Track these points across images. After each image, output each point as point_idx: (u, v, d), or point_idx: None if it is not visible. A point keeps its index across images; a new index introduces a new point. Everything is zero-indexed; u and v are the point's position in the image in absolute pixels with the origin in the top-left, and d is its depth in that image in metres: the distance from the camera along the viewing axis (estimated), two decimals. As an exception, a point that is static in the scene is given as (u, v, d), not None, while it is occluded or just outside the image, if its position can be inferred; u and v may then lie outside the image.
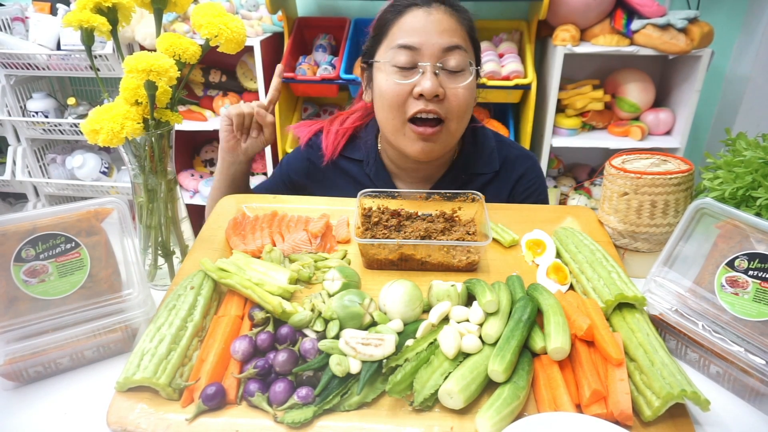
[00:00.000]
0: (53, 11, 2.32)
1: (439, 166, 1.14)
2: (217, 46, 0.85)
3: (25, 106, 2.50)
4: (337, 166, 1.19)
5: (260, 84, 2.26)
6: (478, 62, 1.04)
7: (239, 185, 1.19)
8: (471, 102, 1.01)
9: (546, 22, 2.17)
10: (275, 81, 1.15)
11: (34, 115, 2.47)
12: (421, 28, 0.96)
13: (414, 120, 1.00)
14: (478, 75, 1.05)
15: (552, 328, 0.66)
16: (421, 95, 0.96)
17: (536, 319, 0.71)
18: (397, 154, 1.11)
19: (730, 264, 0.68)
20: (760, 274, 0.66)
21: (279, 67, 1.15)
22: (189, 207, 1.03)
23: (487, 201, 1.12)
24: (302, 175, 1.22)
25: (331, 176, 1.19)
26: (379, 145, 1.17)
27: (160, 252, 0.90)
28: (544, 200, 1.21)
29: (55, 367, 0.72)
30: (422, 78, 0.96)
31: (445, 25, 0.97)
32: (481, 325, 0.70)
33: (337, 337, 0.69)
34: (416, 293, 0.74)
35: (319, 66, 2.24)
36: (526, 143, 2.24)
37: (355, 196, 0.94)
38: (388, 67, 0.99)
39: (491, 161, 1.15)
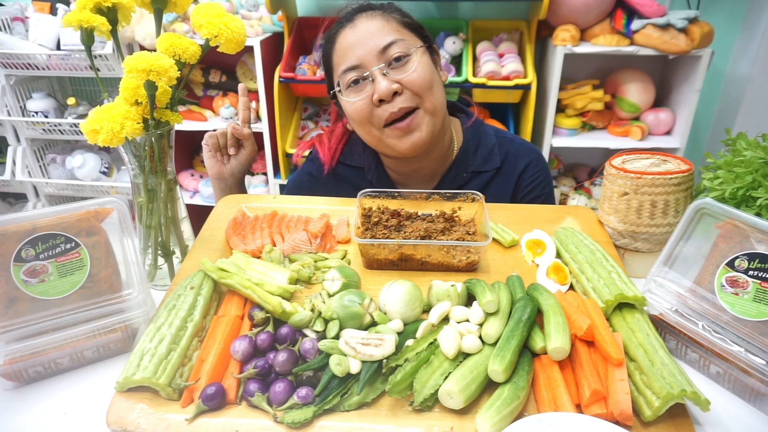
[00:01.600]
0: (53, 11, 2.32)
1: (439, 166, 1.14)
2: (217, 46, 0.85)
3: (24, 106, 2.50)
4: (338, 176, 1.20)
5: (260, 84, 2.27)
6: (425, 39, 1.04)
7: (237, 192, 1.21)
8: (431, 77, 1.00)
9: (546, 22, 2.17)
10: (242, 100, 1.19)
11: (34, 115, 2.47)
12: (353, 43, 0.99)
13: (388, 123, 1.00)
14: (431, 50, 1.05)
15: (552, 328, 0.66)
16: (381, 101, 0.97)
17: (536, 319, 0.71)
18: (396, 161, 1.11)
19: (731, 264, 0.68)
20: (760, 274, 0.66)
21: (241, 87, 1.19)
22: (189, 207, 1.03)
23: (491, 198, 1.12)
24: (305, 191, 1.23)
25: (334, 186, 1.20)
26: (379, 153, 1.17)
27: (160, 252, 0.90)
28: (550, 193, 1.19)
29: (55, 367, 0.72)
30: (375, 84, 0.97)
31: (372, 29, 0.99)
32: (481, 325, 0.70)
33: (337, 337, 0.69)
34: (416, 293, 0.74)
35: (319, 66, 2.23)
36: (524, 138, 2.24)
37: None
38: (345, 92, 1.01)
39: (492, 158, 1.15)
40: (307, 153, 1.28)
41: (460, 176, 1.14)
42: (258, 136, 2.42)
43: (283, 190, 1.34)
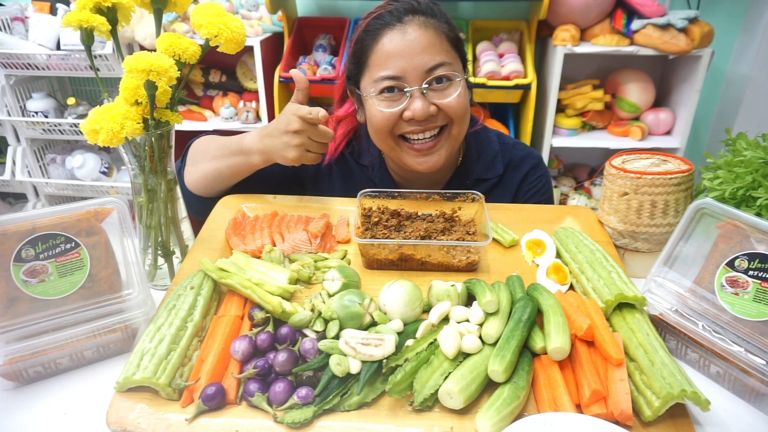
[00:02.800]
0: (53, 11, 2.32)
1: (443, 174, 1.14)
2: (217, 46, 0.85)
3: (24, 106, 2.50)
4: (343, 168, 1.18)
5: (260, 84, 2.27)
6: (464, 64, 1.03)
7: (242, 177, 1.07)
8: (466, 106, 1.00)
9: (546, 22, 2.17)
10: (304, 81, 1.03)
11: (33, 115, 2.47)
12: (400, 51, 0.94)
13: (409, 138, 0.99)
14: (466, 71, 1.03)
15: (552, 328, 0.66)
16: (411, 119, 0.96)
17: (536, 319, 0.71)
18: (400, 167, 1.10)
19: (731, 264, 0.68)
20: (760, 274, 0.66)
21: (297, 75, 1.04)
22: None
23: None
24: (310, 173, 1.19)
25: (339, 177, 1.18)
26: (383, 155, 1.16)
27: (160, 252, 0.90)
28: (549, 199, 1.20)
29: (55, 367, 0.72)
30: (411, 102, 0.95)
31: (424, 42, 0.94)
32: (481, 325, 0.70)
33: (337, 337, 0.69)
34: (416, 293, 0.74)
35: (319, 66, 2.24)
36: (526, 143, 2.24)
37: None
38: (374, 97, 0.98)
39: (495, 166, 1.15)
40: None
41: (464, 184, 1.14)
42: (258, 136, 2.42)
43: None
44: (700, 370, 0.72)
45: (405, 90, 0.95)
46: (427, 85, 0.95)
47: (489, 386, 0.65)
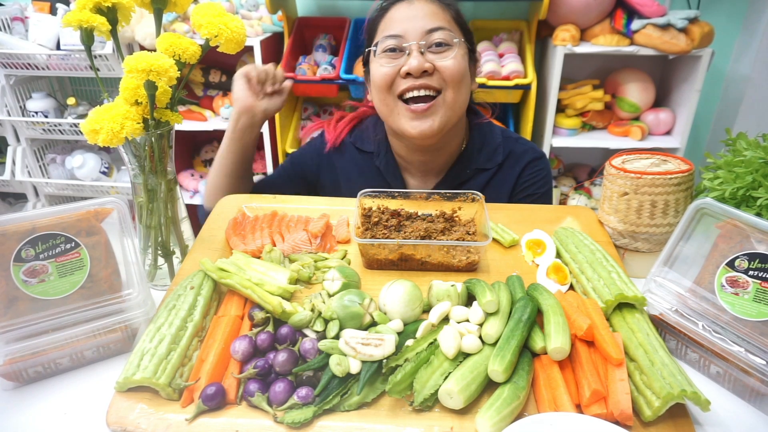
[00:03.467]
0: (53, 11, 2.32)
1: (446, 159, 1.15)
2: (217, 46, 0.85)
3: (24, 106, 2.50)
4: (346, 157, 1.21)
5: (260, 84, 2.26)
6: (469, 41, 1.06)
7: (247, 157, 1.19)
8: (463, 72, 1.02)
9: (546, 22, 2.17)
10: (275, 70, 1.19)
11: (33, 115, 2.47)
12: (404, 17, 1.01)
13: (407, 100, 1.01)
14: (473, 55, 1.07)
15: (552, 328, 0.66)
16: (408, 74, 0.99)
17: (536, 319, 0.71)
18: (405, 147, 1.12)
19: (731, 264, 0.68)
20: (760, 274, 0.66)
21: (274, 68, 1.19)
22: (189, 207, 1.03)
23: (491, 193, 1.12)
24: (313, 165, 1.24)
25: (342, 166, 1.21)
26: (390, 139, 1.18)
27: (160, 252, 0.90)
28: (546, 193, 1.20)
29: (55, 367, 0.72)
30: (408, 58, 0.99)
31: (427, 11, 1.01)
32: (481, 325, 0.70)
33: (337, 337, 0.69)
34: (416, 293, 0.74)
35: (319, 66, 2.23)
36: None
37: (364, 187, 0.94)
38: (378, 56, 1.03)
39: (495, 156, 1.16)
40: (316, 134, 1.29)
41: (464, 172, 1.15)
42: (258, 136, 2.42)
43: None
44: (700, 370, 0.72)
45: (404, 47, 1.00)
46: (425, 43, 0.99)
47: (489, 386, 0.65)
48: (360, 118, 1.25)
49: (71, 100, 2.46)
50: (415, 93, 1.00)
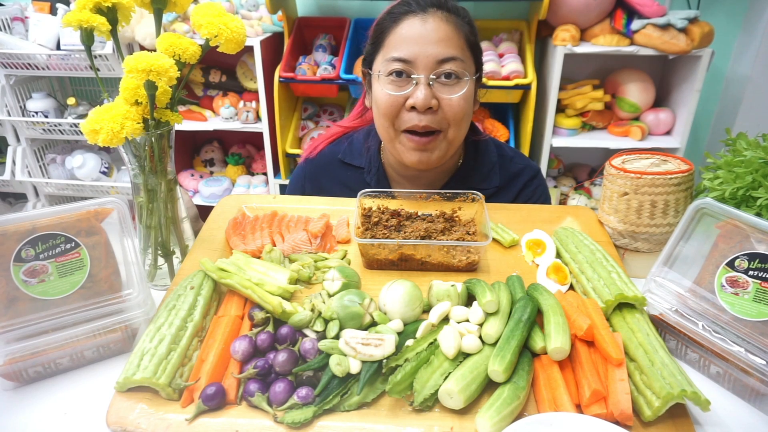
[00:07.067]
0: (53, 11, 2.32)
1: (439, 177, 1.14)
2: (217, 46, 0.85)
3: (24, 106, 2.50)
4: (335, 174, 1.19)
5: (260, 84, 2.27)
6: (478, 67, 1.03)
7: None
8: (467, 110, 1.00)
9: (546, 22, 2.17)
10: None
11: (34, 115, 2.47)
12: (416, 37, 0.95)
13: (409, 130, 1.00)
14: (479, 80, 1.04)
15: (552, 328, 0.66)
16: (413, 107, 0.96)
17: (536, 319, 0.71)
18: (398, 163, 1.11)
19: (731, 264, 0.68)
20: (760, 274, 0.66)
21: None
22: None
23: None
24: (301, 191, 1.22)
25: (330, 184, 1.19)
26: (381, 154, 1.17)
27: (160, 252, 0.90)
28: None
29: (55, 367, 0.72)
30: (415, 89, 0.96)
31: (441, 34, 0.95)
32: (481, 325, 0.70)
33: (337, 337, 0.69)
34: (416, 293, 0.74)
35: (319, 66, 2.24)
36: (526, 143, 2.24)
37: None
38: (383, 78, 0.99)
39: (491, 177, 1.15)
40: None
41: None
42: (258, 136, 2.43)
43: (283, 190, 1.34)
44: (700, 370, 0.72)
45: (412, 77, 0.96)
46: (434, 77, 0.95)
47: (489, 386, 0.65)
48: (346, 133, 1.22)
49: (71, 100, 2.46)
50: (418, 129, 0.98)
